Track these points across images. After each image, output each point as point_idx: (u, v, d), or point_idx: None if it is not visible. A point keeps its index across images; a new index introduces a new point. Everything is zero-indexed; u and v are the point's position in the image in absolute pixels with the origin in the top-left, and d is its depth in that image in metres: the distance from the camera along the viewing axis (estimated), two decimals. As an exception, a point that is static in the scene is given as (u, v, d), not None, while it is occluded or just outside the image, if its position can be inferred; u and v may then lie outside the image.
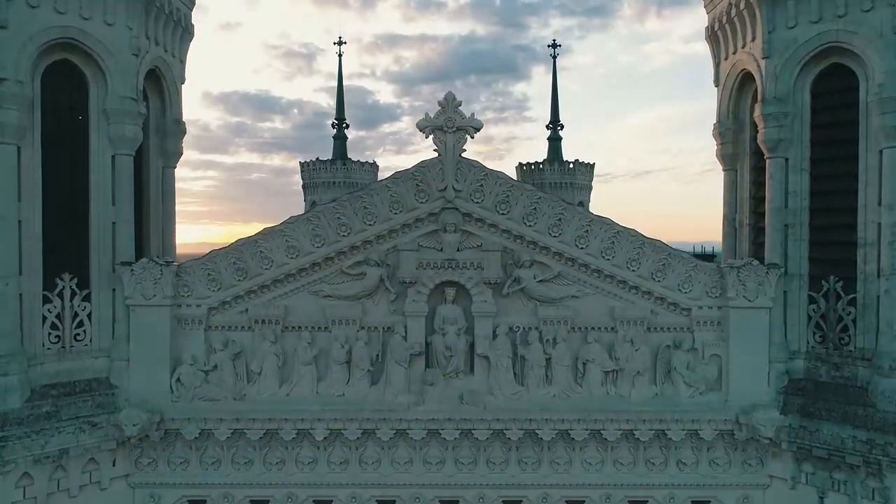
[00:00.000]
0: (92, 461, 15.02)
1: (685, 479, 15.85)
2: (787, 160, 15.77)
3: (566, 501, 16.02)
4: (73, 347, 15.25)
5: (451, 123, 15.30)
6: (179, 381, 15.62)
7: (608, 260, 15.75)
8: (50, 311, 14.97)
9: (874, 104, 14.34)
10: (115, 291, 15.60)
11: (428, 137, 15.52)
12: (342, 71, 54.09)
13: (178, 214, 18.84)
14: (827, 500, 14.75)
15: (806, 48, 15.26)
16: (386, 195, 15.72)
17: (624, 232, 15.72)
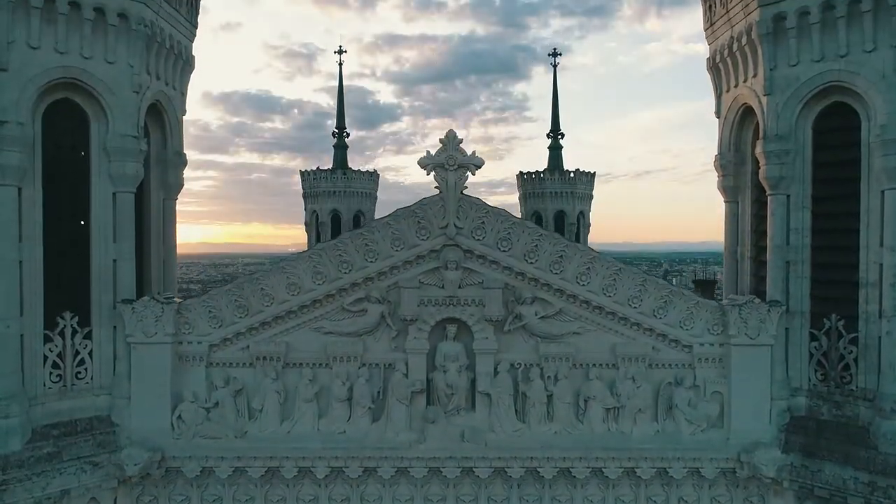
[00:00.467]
0: (93, 500, 15.02)
1: (686, 516, 15.83)
2: (788, 197, 15.74)
3: (567, 538, 15.96)
4: (74, 386, 15.20)
5: (452, 161, 15.25)
6: (181, 418, 15.62)
7: (609, 297, 15.75)
8: (51, 350, 14.92)
9: (876, 145, 14.30)
10: (116, 329, 15.57)
11: (429, 174, 15.51)
12: (342, 80, 53.76)
13: (178, 214, 18.72)
14: (828, 539, 14.73)
15: (808, 86, 15.19)
16: (387, 232, 15.72)
17: (626, 269, 15.72)
